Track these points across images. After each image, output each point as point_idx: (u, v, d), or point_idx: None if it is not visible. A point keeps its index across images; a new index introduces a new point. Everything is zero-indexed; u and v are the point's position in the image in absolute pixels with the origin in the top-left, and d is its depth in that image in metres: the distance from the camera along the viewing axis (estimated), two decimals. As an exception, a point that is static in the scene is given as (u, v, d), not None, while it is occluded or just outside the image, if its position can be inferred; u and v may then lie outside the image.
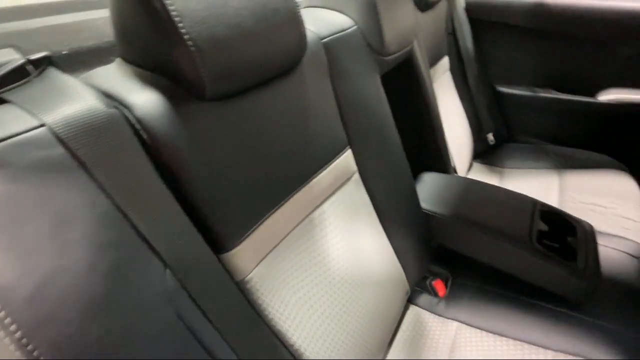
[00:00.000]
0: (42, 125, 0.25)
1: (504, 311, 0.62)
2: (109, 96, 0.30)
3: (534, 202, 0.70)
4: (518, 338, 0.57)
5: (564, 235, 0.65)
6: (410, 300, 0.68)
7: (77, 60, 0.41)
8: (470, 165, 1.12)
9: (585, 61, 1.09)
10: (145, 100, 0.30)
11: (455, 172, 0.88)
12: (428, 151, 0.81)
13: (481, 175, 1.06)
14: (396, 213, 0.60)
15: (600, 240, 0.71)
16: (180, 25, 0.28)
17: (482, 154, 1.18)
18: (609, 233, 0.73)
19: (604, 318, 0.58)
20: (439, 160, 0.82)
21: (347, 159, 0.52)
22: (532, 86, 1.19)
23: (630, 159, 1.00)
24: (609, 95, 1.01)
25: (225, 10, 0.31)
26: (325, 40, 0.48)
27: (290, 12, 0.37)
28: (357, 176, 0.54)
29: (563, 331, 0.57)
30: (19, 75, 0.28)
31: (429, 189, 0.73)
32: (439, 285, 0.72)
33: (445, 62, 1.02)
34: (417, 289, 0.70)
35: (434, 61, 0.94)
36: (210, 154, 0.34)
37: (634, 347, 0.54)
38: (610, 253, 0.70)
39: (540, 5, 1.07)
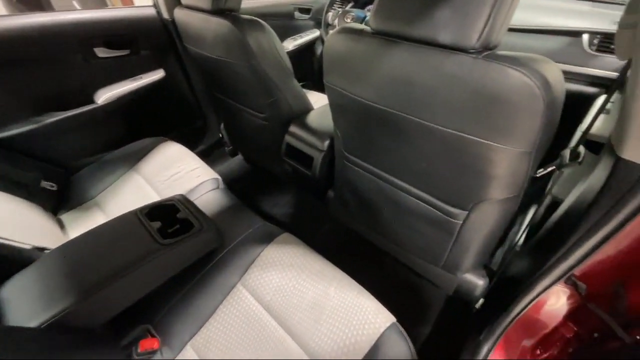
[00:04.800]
0: None
1: (204, 302, 0.69)
2: None
3: (134, 213, 0.73)
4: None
5: (174, 215, 0.76)
6: None
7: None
8: (61, 223, 0.93)
9: (65, 77, 1.09)
10: None
11: (42, 249, 0.70)
12: None
13: (81, 222, 0.93)
14: None
15: (192, 197, 0.91)
16: None
17: (62, 202, 1.00)
18: (193, 187, 0.95)
19: (238, 239, 0.80)
20: (12, 261, 0.60)
21: None
22: (34, 116, 1.06)
23: (162, 130, 1.28)
24: (103, 97, 1.13)
25: None
26: None
27: None
28: None
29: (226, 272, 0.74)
30: None
31: (22, 299, 0.54)
32: (146, 343, 0.65)
33: None
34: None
35: None
36: None
37: (265, 232, 0.80)
38: (205, 198, 0.92)
39: None
